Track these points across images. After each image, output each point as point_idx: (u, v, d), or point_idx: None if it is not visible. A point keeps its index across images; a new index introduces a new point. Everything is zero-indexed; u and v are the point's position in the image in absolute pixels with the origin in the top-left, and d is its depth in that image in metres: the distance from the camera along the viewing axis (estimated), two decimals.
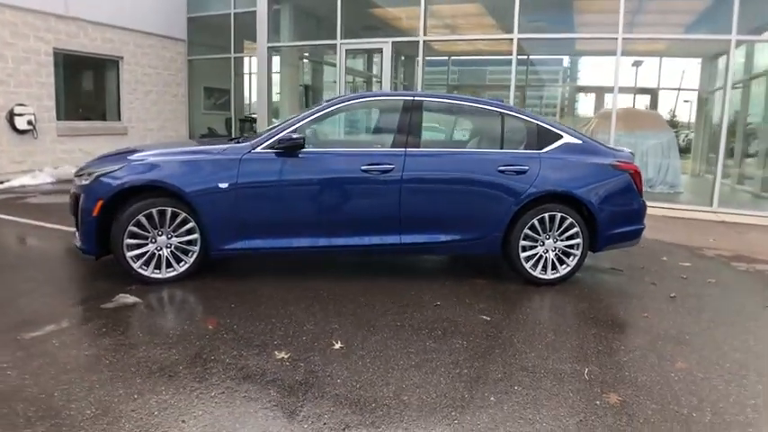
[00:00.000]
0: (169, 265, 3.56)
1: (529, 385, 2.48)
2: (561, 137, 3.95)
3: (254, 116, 13.69)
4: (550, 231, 3.83)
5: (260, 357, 2.59)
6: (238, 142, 3.74)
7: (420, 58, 8.94)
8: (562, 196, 3.80)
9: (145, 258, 3.50)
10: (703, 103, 11.37)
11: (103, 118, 9.53)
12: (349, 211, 3.68)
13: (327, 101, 4.00)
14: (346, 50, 9.53)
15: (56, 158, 8.36)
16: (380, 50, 9.25)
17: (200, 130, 11.59)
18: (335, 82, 9.65)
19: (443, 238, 3.78)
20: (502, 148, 3.90)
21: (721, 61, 10.85)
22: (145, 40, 9.91)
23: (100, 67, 9.43)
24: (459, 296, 3.61)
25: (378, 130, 4.05)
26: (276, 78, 10.25)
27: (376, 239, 3.73)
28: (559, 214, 3.80)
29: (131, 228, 3.42)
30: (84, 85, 9.55)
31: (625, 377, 2.60)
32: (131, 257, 3.46)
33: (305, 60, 11.40)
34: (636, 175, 3.99)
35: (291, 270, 4.00)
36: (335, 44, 9.39)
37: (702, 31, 8.94)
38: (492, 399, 2.35)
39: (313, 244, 3.68)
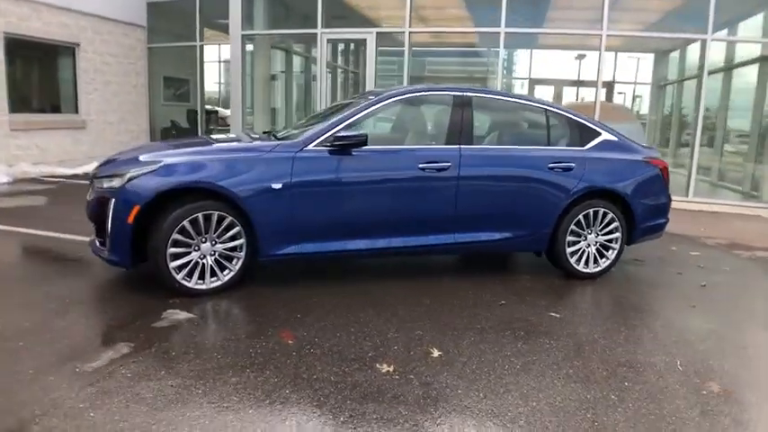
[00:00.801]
0: (213, 274, 3.26)
1: (636, 380, 2.50)
2: (600, 134, 4.02)
3: (216, 108, 13.06)
4: (593, 226, 3.91)
5: (365, 372, 2.42)
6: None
7: (406, 50, 8.84)
8: (604, 192, 3.87)
9: (188, 268, 3.20)
10: (656, 95, 12.12)
11: (59, 110, 8.62)
12: (406, 210, 3.54)
13: (375, 95, 3.79)
14: (328, 40, 9.25)
15: (10, 155, 7.44)
16: (364, 41, 9.08)
17: (160, 123, 10.81)
18: (315, 74, 9.36)
19: (497, 236, 3.74)
20: (548, 145, 3.92)
21: (672, 57, 11.70)
22: (103, 25, 9.04)
23: (55, 54, 8.48)
24: (517, 293, 3.59)
25: (427, 126, 3.92)
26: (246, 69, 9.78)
27: (432, 239, 3.63)
28: (602, 209, 3.88)
29: (175, 236, 3.10)
30: (39, 74, 8.55)
31: (712, 366, 2.69)
32: (174, 268, 3.15)
33: (277, 50, 10.92)
34: (665, 170, 4.15)
35: (328, 273, 3.81)
36: (316, 33, 9.08)
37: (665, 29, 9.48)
38: (613, 397, 2.34)
39: (370, 246, 3.51)
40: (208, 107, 12.02)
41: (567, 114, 4.04)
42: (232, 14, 9.20)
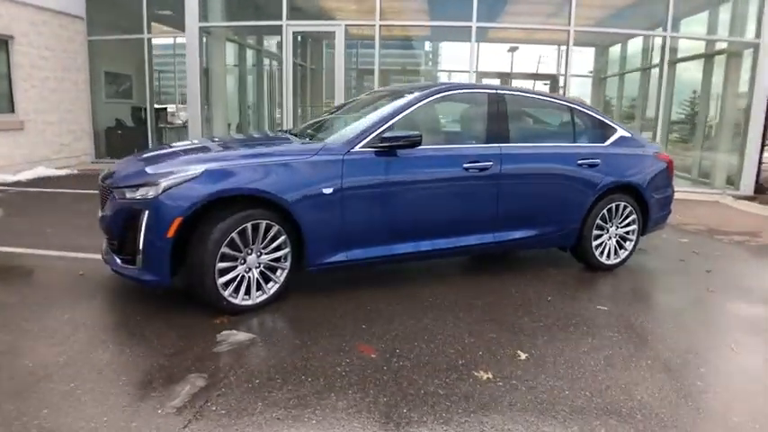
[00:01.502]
0: (258, 287, 3.02)
1: (709, 366, 2.62)
2: (616, 130, 4.18)
3: (164, 106, 12.16)
4: (614, 219, 4.07)
5: (467, 382, 2.33)
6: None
7: (377, 42, 8.71)
8: (624, 186, 4.03)
9: (235, 284, 2.93)
10: (597, 87, 12.82)
11: None
12: (451, 211, 3.46)
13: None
14: (294, 33, 8.89)
15: None
16: (332, 34, 8.82)
17: (104, 122, 9.87)
18: (280, 68, 8.97)
19: (532, 233, 3.77)
20: (574, 142, 4.00)
21: (612, 51, 12.47)
22: (38, 15, 8.04)
23: None
24: (555, 288, 3.65)
25: (465, 125, 3.84)
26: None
27: (473, 239, 3.58)
28: (623, 203, 4.04)
29: (224, 249, 2.81)
30: None
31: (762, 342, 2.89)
32: (222, 285, 2.86)
33: (230, 42, 10.35)
34: (670, 163, 4.40)
35: (361, 279, 3.65)
36: (281, 25, 8.70)
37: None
38: (699, 383, 2.43)
39: (415, 249, 3.39)
40: (157, 105, 11.20)
41: (589, 112, 4.15)
42: (188, 5, 8.60)
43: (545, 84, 13.89)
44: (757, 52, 7.93)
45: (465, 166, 3.42)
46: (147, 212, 2.74)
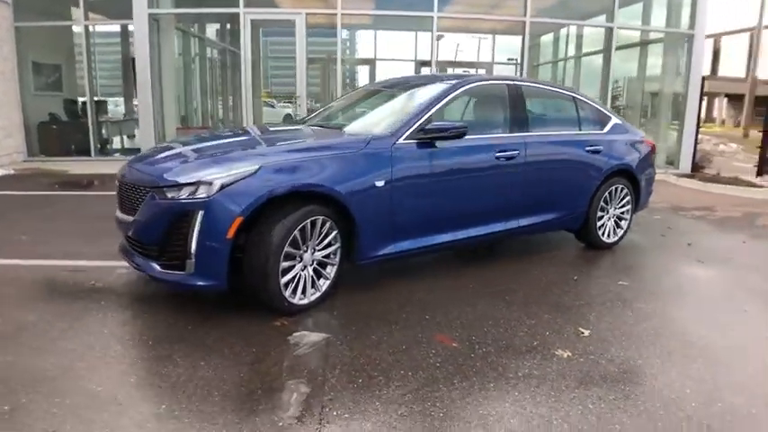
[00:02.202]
0: (312, 285, 2.93)
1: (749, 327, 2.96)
2: (611, 118, 4.48)
3: (104, 99, 11.14)
4: (613, 201, 4.37)
5: (553, 361, 2.46)
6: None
7: (338, 32, 8.56)
8: (622, 170, 4.35)
9: (294, 284, 2.82)
10: (531, 75, 13.41)
11: None
12: (485, 199, 3.56)
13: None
14: (252, 21, 8.48)
15: None
16: (292, 23, 8.53)
17: (36, 117, 8.85)
18: (223, 57, 8.54)
19: (548, 217, 3.97)
20: (580, 130, 4.23)
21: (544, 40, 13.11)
22: None
23: None
24: (573, 267, 3.90)
25: (489, 115, 3.89)
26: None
27: (500, 226, 3.71)
28: (621, 186, 4.36)
29: (287, 248, 2.70)
30: None
31: None
32: (283, 285, 2.74)
33: (181, 32, 9.69)
34: (653, 148, 4.81)
35: (394, 270, 3.63)
36: (238, 13, 8.28)
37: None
38: (734, 328, 2.74)
39: (453, 238, 3.45)
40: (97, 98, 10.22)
41: (588, 101, 4.41)
42: None
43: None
44: (692, 42, 8.80)
45: (496, 155, 3.53)
46: (201, 213, 2.55)
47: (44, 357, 2.34)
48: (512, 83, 3.87)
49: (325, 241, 2.93)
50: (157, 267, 2.73)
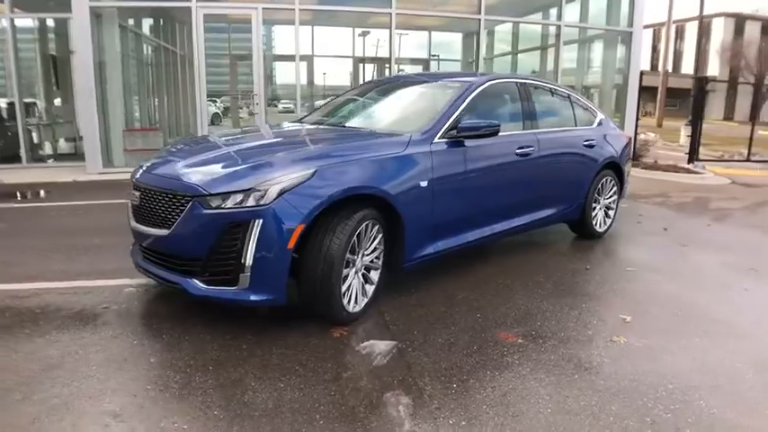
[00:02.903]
0: (361, 291, 2.82)
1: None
2: (597, 114, 4.73)
3: (33, 100, 9.95)
4: (603, 192, 4.63)
5: (616, 348, 2.58)
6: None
7: (296, 27, 8.28)
8: (611, 162, 4.62)
9: (350, 291, 2.71)
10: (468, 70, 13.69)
11: None
12: (507, 195, 3.64)
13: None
14: (204, 15, 7.97)
15: None
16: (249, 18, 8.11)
17: None
18: (157, 55, 8.00)
19: (552, 211, 4.13)
20: (576, 126, 4.42)
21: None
22: None
23: None
24: (578, 256, 4.10)
25: (505, 113, 3.90)
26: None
27: (516, 221, 3.80)
28: (610, 177, 4.63)
29: (348, 255, 2.60)
30: None
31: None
32: (342, 294, 2.62)
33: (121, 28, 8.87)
34: (630, 141, 5.14)
35: (420, 271, 3.58)
36: (189, 7, 7.75)
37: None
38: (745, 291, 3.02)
39: (480, 235, 3.49)
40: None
41: (580, 98, 4.63)
42: None
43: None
44: (631, 38, 9.51)
45: (516, 151, 3.61)
46: (259, 223, 2.38)
47: (98, 401, 2.06)
48: (520, 80, 3.99)
49: (372, 245, 2.85)
50: (200, 284, 2.51)
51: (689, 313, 3.05)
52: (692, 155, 9.68)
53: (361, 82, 14.87)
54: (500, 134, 3.56)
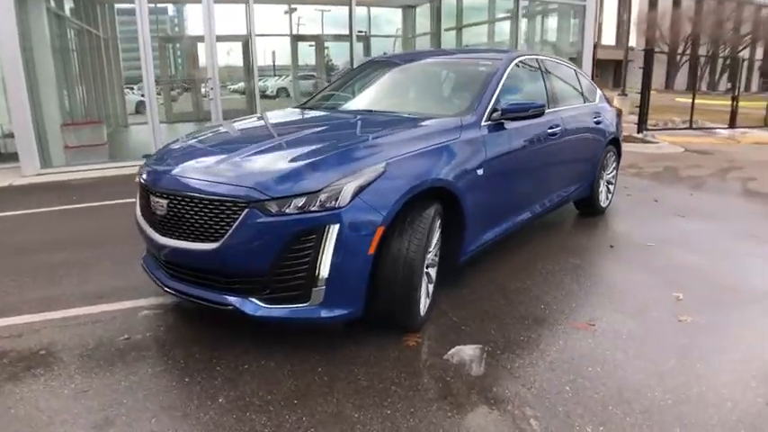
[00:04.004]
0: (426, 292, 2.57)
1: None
2: (596, 89, 4.71)
3: None
4: (606, 167, 4.65)
5: (683, 327, 2.57)
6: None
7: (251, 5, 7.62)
8: (613, 138, 4.63)
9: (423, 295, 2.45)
10: (406, 46, 13.16)
11: None
12: (543, 177, 3.52)
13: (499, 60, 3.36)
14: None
15: None
16: None
17: None
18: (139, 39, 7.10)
19: (574, 188, 4.09)
20: (585, 102, 4.35)
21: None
22: None
23: None
24: (592, 236, 4.09)
25: (529, 91, 3.67)
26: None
27: (547, 201, 3.71)
28: (611, 152, 4.65)
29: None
30: None
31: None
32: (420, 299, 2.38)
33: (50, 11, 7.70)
34: (621, 114, 5.20)
35: None
36: None
37: None
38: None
39: (522, 220, 3.36)
40: None
41: (583, 74, 4.56)
42: None
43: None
44: (585, 12, 9.72)
45: (548, 131, 3.47)
46: (335, 228, 2.06)
47: None
48: (541, 58, 3.85)
49: (433, 241, 2.61)
50: (260, 303, 2.16)
51: (725, 285, 3.10)
52: (641, 125, 10.19)
53: (300, 62, 14.24)
54: None
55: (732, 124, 11.75)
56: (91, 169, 6.80)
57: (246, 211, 2.08)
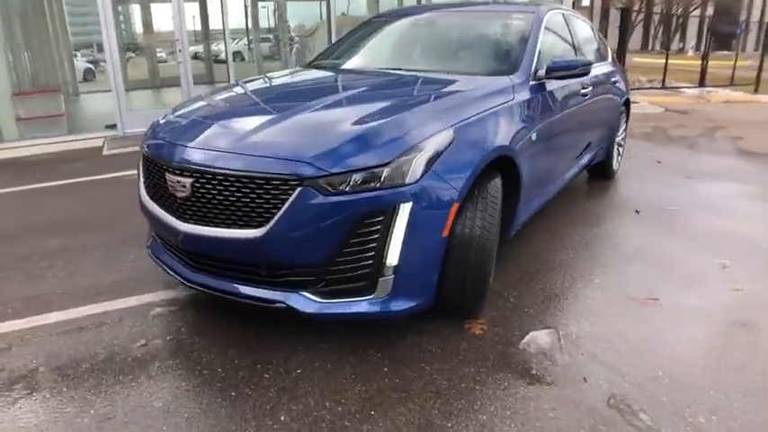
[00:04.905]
0: None
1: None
2: (608, 47, 4.47)
3: None
4: (618, 130, 4.47)
5: (739, 295, 2.44)
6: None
7: None
8: (627, 100, 4.45)
9: None
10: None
11: None
12: (577, 140, 3.29)
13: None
14: None
15: None
16: None
17: None
18: None
19: (595, 150, 3.89)
20: (601, 61, 4.09)
21: None
22: None
23: None
24: (611, 203, 3.93)
25: (560, 47, 3.35)
26: None
27: (576, 167, 3.50)
28: (623, 114, 4.47)
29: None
30: None
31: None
32: None
33: None
34: (625, 73, 5.02)
35: None
36: None
37: None
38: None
39: (558, 187, 3.13)
40: None
41: (598, 32, 4.28)
42: None
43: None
44: None
45: (582, 91, 3.22)
46: (406, 206, 1.74)
47: None
48: (564, 11, 3.54)
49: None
50: (315, 299, 1.84)
51: (763, 249, 3.03)
52: None
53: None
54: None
55: (702, 83, 11.96)
56: (48, 143, 6.05)
57: (299, 190, 1.73)
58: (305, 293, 1.85)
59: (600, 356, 1.98)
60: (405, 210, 1.75)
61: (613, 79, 4.08)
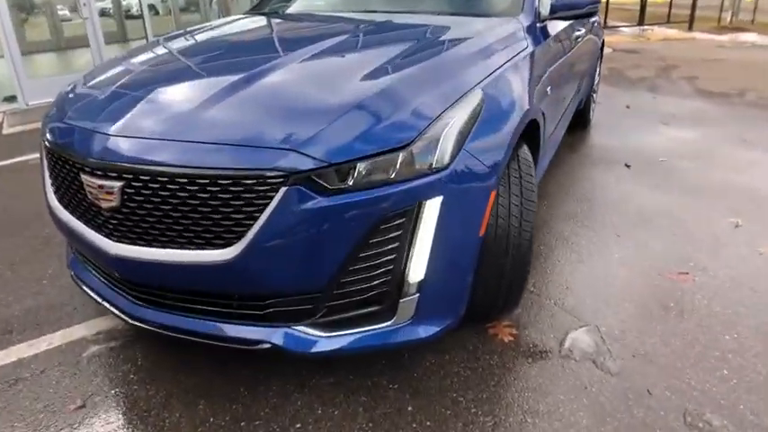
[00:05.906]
0: None
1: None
2: None
3: None
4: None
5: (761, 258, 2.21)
6: None
7: None
8: (603, 45, 4.10)
9: None
10: None
11: None
12: (571, 88, 2.87)
13: None
14: None
15: None
16: None
17: None
18: None
19: (580, 99, 3.55)
20: None
21: None
22: None
23: None
24: (598, 157, 3.64)
25: None
26: None
27: (569, 119, 3.13)
28: (600, 60, 4.14)
29: None
30: None
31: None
32: None
33: None
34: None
35: None
36: None
37: None
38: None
39: (557, 146, 2.74)
40: None
41: None
42: None
43: None
44: None
45: (575, 35, 2.80)
46: (434, 203, 1.27)
47: None
48: None
49: None
50: (313, 333, 1.37)
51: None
52: None
53: None
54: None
55: (641, 22, 11.97)
56: None
57: (285, 190, 1.21)
58: (299, 328, 1.38)
59: (651, 356, 1.68)
60: (433, 207, 1.28)
61: (593, 20, 3.72)
